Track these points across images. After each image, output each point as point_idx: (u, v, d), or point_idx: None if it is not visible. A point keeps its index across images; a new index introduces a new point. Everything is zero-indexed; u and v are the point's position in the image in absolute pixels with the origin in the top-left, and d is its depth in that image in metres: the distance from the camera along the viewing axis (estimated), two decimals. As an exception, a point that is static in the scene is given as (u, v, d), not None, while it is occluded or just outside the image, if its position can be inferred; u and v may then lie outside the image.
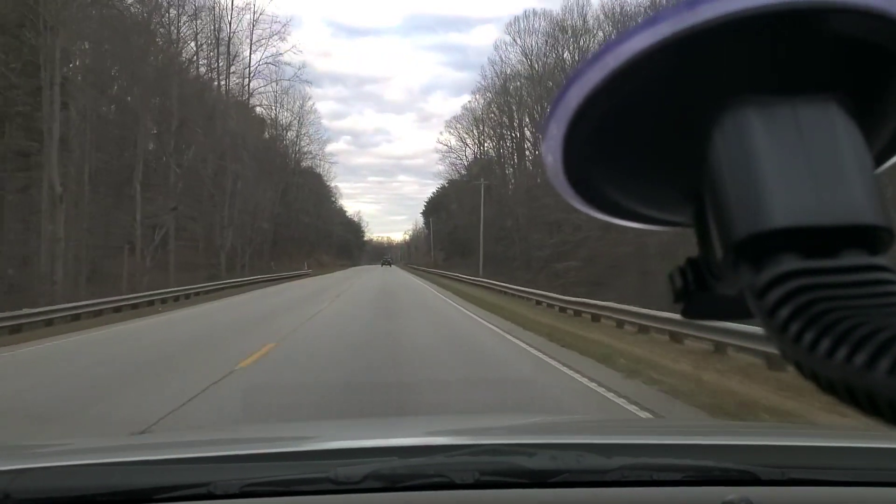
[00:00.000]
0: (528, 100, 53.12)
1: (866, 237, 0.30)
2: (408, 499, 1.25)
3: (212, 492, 1.20)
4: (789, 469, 1.27)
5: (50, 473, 1.31)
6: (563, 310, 18.05)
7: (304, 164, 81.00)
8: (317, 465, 1.31)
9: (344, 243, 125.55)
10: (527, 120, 53.90)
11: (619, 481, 1.25)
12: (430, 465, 1.28)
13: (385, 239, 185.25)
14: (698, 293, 0.36)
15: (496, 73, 59.46)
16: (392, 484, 1.24)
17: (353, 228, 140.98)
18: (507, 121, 59.08)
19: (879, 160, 0.35)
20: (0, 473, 1.23)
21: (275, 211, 61.11)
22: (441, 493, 1.24)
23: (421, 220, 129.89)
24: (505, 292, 26.47)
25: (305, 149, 79.80)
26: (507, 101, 58.62)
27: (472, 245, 58.78)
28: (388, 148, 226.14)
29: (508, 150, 60.08)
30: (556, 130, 0.35)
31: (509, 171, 59.50)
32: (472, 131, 69.83)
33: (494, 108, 61.25)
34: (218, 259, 43.05)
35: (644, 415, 6.08)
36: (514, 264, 44.14)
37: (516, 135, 57.34)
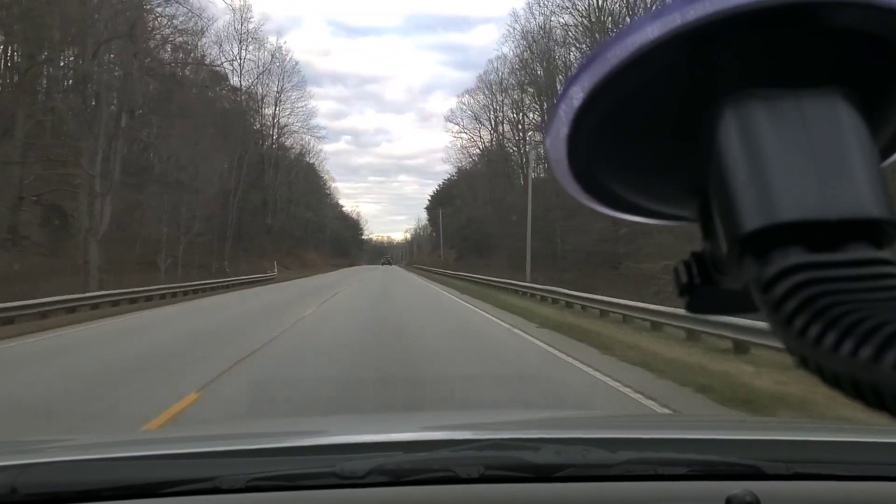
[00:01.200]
0: (582, 48, 39.48)
1: (872, 231, 0.30)
2: (412, 493, 1.25)
3: (217, 486, 1.20)
4: (794, 463, 1.26)
5: (56, 468, 1.31)
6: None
7: (288, 142, 67.78)
8: (322, 460, 1.32)
9: (340, 240, 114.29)
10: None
11: (624, 475, 1.25)
12: (434, 460, 1.28)
13: (385, 238, 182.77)
14: (703, 288, 0.36)
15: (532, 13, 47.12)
16: (397, 478, 1.24)
17: (351, 225, 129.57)
18: (538, 77, 46.09)
19: (885, 154, 0.35)
20: (7, 468, 1.23)
21: (234, 189, 45.39)
22: (446, 487, 1.25)
23: (424, 216, 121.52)
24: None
25: (285, 120, 64.43)
26: (537, 56, 45.13)
27: (491, 241, 49.02)
28: (389, 148, 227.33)
29: (535, 124, 48.41)
30: (562, 124, 0.35)
31: (537, 148, 46.37)
32: (490, 106, 57.61)
33: (515, 79, 49.76)
34: (88, 254, 24.79)
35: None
36: (560, 264, 33.47)
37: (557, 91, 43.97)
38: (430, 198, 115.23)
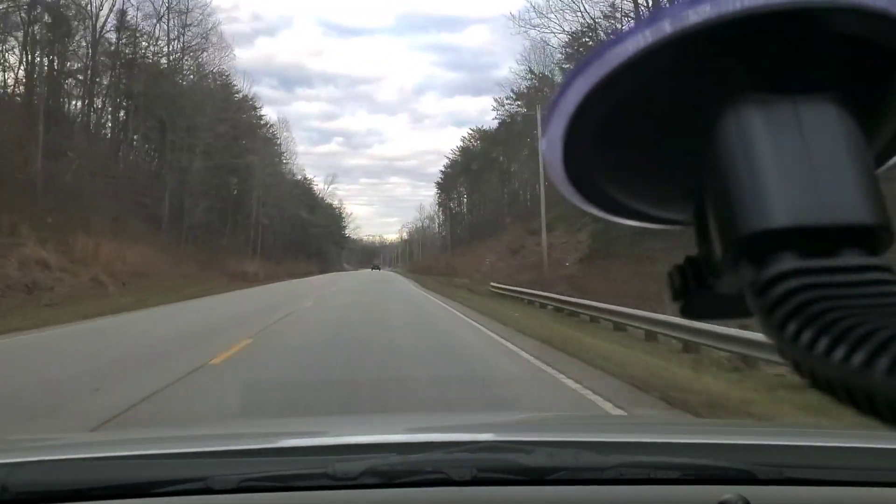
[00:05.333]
0: None
1: (866, 237, 0.30)
2: (405, 495, 1.25)
3: (209, 486, 1.20)
4: (786, 468, 1.27)
5: (47, 467, 1.30)
6: None
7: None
8: (314, 461, 1.31)
9: (303, 232, 77.46)
10: None
11: (616, 479, 1.25)
12: (427, 462, 1.27)
13: (377, 238, 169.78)
14: (698, 292, 0.36)
15: None
16: (389, 480, 1.24)
17: (323, 212, 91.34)
18: None
19: (880, 160, 0.35)
20: None
21: None
22: (438, 489, 1.24)
23: (429, 203, 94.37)
24: None
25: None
26: None
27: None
28: (381, 149, 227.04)
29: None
30: (557, 127, 0.35)
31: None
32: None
33: None
34: None
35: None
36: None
37: None
38: (443, 169, 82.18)
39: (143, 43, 43.84)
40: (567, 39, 38.00)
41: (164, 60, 45.92)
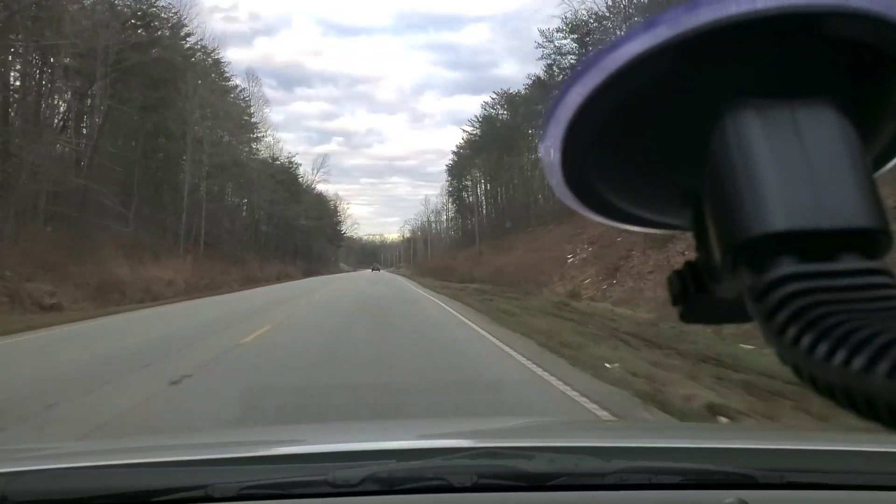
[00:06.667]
0: None
1: (864, 240, 0.30)
2: (405, 502, 1.25)
3: (209, 495, 1.20)
4: (787, 472, 1.27)
5: (47, 475, 1.30)
6: None
7: None
8: (314, 468, 1.31)
9: (284, 225, 62.04)
10: None
11: (617, 484, 1.25)
12: (427, 468, 1.27)
13: (378, 237, 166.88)
14: (697, 296, 0.36)
15: None
16: (390, 487, 1.24)
17: (311, 202, 74.95)
18: None
19: (877, 163, 0.35)
20: None
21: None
22: (439, 496, 1.24)
23: (435, 196, 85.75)
24: None
25: None
26: None
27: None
28: (381, 149, 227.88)
29: None
30: (555, 132, 0.35)
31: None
32: None
33: None
34: None
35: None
36: None
37: None
38: (456, 149, 70.51)
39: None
40: None
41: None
